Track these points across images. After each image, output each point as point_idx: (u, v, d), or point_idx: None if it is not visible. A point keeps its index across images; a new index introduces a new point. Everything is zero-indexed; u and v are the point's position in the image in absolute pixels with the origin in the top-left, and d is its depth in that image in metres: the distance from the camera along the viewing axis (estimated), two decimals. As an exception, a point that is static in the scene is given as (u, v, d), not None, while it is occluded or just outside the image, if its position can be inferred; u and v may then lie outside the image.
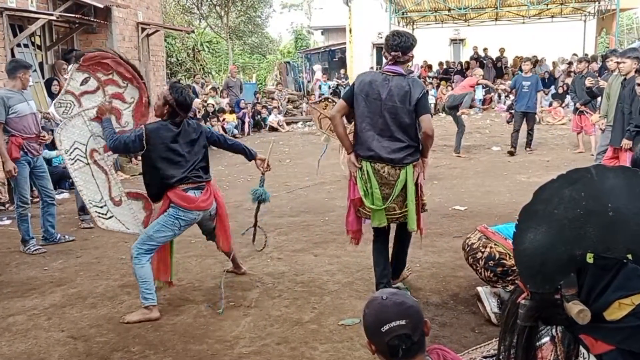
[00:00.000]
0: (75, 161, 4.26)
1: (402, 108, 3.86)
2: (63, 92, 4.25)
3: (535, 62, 20.65)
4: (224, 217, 4.45)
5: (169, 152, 4.01)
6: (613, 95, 6.60)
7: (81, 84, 4.25)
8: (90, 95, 4.25)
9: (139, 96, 4.37)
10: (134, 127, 4.25)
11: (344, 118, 4.23)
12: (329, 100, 7.57)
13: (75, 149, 4.25)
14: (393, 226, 4.25)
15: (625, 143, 5.48)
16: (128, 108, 4.35)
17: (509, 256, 3.74)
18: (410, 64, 4.00)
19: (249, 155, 4.52)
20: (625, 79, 6.04)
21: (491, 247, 3.81)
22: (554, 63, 19.84)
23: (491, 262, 3.78)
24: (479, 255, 3.84)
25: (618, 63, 6.20)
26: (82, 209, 6.55)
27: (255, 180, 9.07)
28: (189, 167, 4.07)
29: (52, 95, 9.22)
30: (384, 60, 4.06)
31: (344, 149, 4.15)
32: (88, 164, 4.28)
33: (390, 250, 4.31)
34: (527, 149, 11.07)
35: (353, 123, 4.14)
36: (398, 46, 3.90)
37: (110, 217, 4.35)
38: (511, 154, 10.73)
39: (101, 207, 4.31)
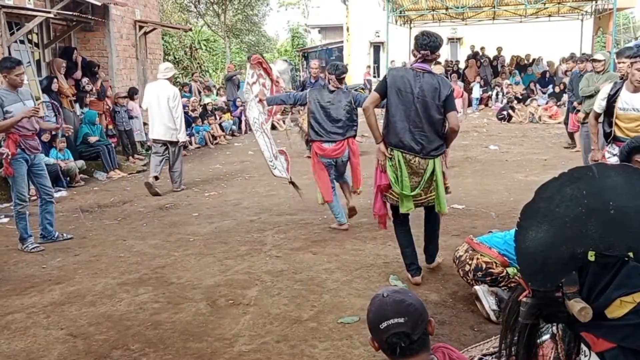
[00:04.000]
0: (257, 131, 6.12)
1: (432, 103, 4.14)
2: (245, 83, 6.15)
3: (533, 60, 20.72)
4: (355, 164, 5.97)
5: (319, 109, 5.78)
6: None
7: (251, 77, 6.14)
8: (255, 85, 6.09)
9: (271, 84, 6.41)
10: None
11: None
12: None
13: (255, 122, 6.14)
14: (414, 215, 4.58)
15: None
16: (268, 92, 6.34)
17: (496, 264, 3.83)
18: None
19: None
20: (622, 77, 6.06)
21: (477, 259, 3.90)
22: (549, 63, 19.88)
23: (479, 273, 3.87)
24: (467, 267, 3.95)
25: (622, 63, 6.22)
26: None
27: (251, 179, 9.08)
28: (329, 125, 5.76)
29: (50, 93, 9.20)
30: (412, 58, 4.33)
31: (374, 138, 4.44)
32: (262, 132, 6.12)
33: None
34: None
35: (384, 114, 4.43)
36: (427, 45, 4.15)
37: (275, 168, 6.17)
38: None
39: (271, 161, 6.11)
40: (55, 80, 9.41)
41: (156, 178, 8.14)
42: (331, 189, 5.89)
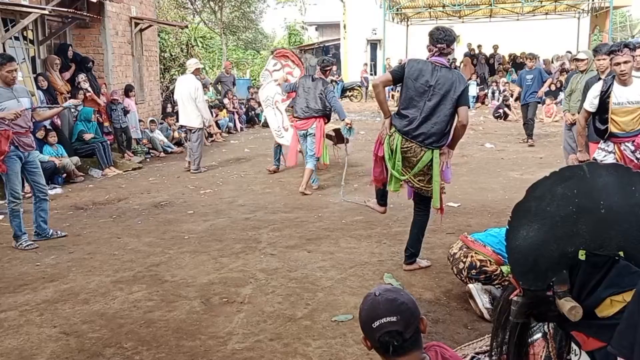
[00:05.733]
0: (267, 106, 8.72)
1: (447, 97, 4.27)
2: (264, 69, 8.79)
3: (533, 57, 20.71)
4: (317, 137, 7.50)
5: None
6: (578, 91, 6.87)
7: (273, 66, 8.56)
8: (277, 72, 8.34)
9: (300, 72, 8.32)
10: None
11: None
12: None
13: (267, 99, 8.69)
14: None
15: None
16: (295, 78, 8.17)
17: (490, 262, 3.83)
18: (450, 57, 4.66)
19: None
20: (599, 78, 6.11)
21: (472, 256, 3.90)
22: (545, 61, 19.89)
23: (473, 270, 3.87)
24: (461, 265, 3.95)
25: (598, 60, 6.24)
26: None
27: (247, 176, 9.07)
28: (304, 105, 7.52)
29: (44, 90, 9.17)
30: (428, 53, 4.46)
31: (382, 112, 4.62)
32: (273, 107, 8.55)
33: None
34: (529, 140, 11.40)
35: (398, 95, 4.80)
36: (443, 39, 4.33)
37: (282, 137, 8.52)
38: (530, 143, 11.38)
39: (278, 131, 8.60)
40: (42, 77, 9.34)
41: (197, 166, 9.60)
42: (295, 157, 7.96)
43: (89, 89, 10.34)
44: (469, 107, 4.43)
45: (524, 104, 11.32)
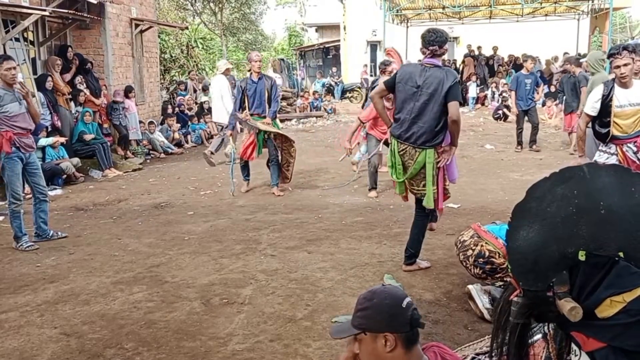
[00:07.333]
0: None
1: (435, 95, 4.31)
2: (380, 64, 8.96)
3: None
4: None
5: None
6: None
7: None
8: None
9: (397, 66, 7.68)
10: None
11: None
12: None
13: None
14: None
15: None
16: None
17: (499, 255, 3.83)
18: (444, 57, 4.80)
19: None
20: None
21: (482, 246, 3.90)
22: (547, 61, 19.92)
23: (481, 259, 3.87)
24: (470, 252, 3.94)
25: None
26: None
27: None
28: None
29: (45, 91, 9.17)
30: (422, 55, 4.53)
31: (384, 123, 4.81)
32: None
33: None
34: (534, 145, 10.96)
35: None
36: (435, 41, 4.37)
37: None
38: (519, 147, 11.00)
39: None
40: (49, 78, 9.37)
41: (212, 153, 9.91)
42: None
43: (85, 90, 10.35)
44: (460, 103, 4.45)
45: (525, 109, 10.76)
